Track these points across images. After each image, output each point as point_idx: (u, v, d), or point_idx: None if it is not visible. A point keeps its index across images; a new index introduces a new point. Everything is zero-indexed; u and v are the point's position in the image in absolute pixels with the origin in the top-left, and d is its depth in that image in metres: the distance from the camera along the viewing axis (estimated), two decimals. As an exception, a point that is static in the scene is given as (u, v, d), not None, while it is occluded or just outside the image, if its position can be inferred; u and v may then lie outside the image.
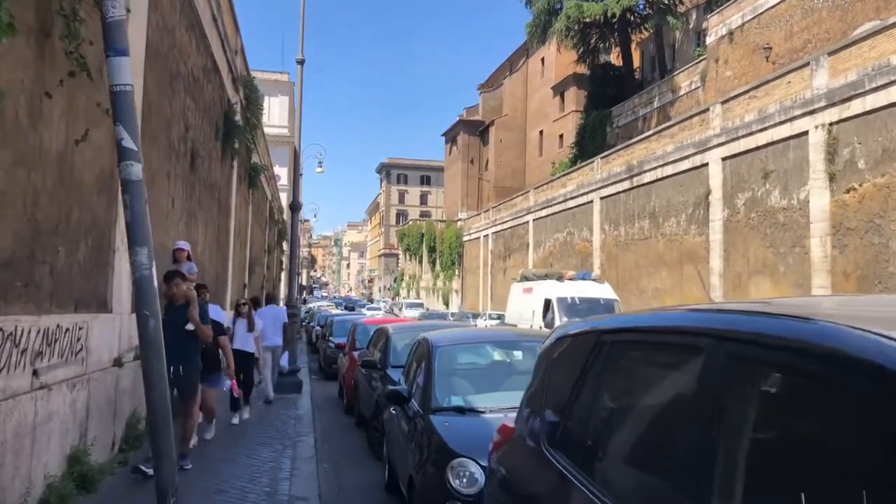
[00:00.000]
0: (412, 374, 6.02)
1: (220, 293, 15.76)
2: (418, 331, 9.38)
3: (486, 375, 5.58)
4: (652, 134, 30.73)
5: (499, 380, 5.53)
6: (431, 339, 5.90)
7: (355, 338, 12.26)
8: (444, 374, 5.36)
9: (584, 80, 57.32)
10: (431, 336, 6.02)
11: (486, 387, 5.37)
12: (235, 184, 17.68)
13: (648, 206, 30.29)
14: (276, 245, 41.32)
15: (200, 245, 12.65)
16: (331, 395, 14.24)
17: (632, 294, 31.45)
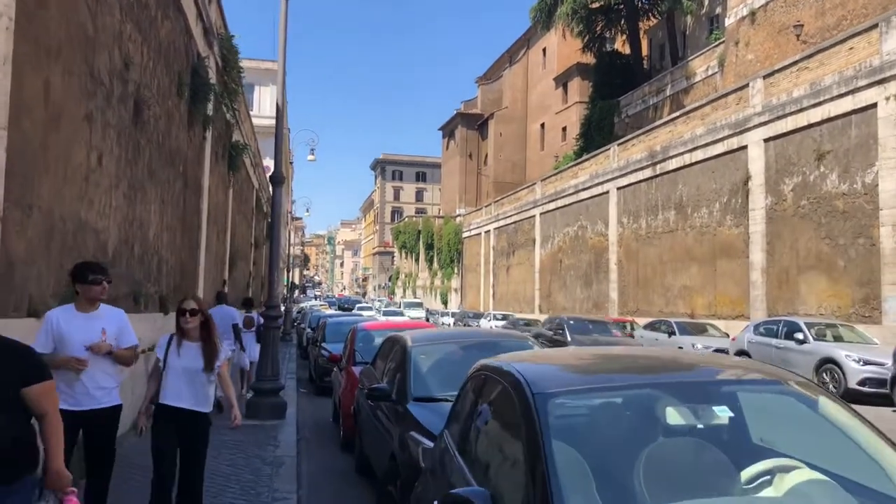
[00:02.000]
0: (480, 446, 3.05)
1: (187, 290, 12.86)
2: (450, 344, 6.55)
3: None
4: (678, 116, 27.94)
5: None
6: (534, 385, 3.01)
7: (354, 348, 9.39)
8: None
9: (589, 70, 54.69)
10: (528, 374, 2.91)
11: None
12: (210, 159, 14.82)
13: (674, 195, 27.50)
14: (265, 240, 38.33)
15: (154, 226, 9.78)
16: (323, 418, 11.34)
17: (655, 293, 28.69)
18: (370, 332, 10.01)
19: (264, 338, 10.20)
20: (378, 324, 10.84)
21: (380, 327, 10.45)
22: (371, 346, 9.60)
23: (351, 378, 8.69)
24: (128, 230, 8.32)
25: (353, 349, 9.31)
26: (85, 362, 4.54)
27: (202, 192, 14.20)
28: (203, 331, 5.31)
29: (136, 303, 8.75)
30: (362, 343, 9.53)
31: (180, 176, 11.75)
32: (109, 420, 4.80)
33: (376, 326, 10.45)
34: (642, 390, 2.86)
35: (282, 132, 10.25)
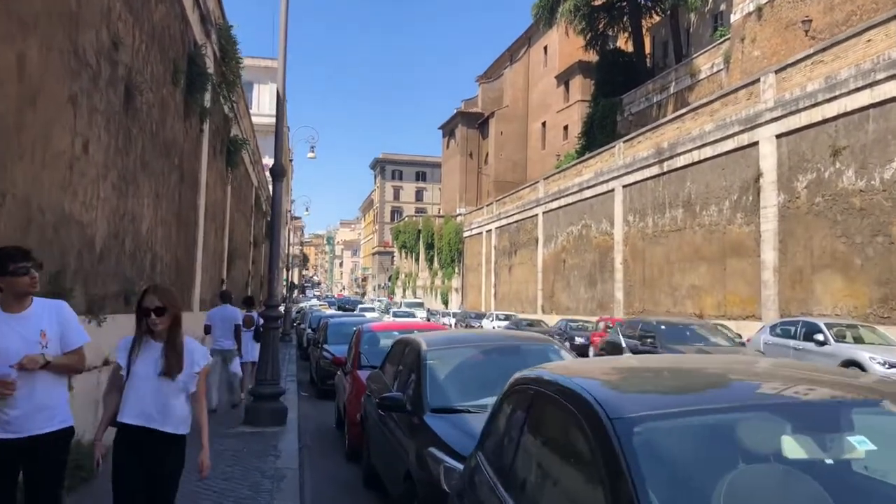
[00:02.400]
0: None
1: (183, 288, 12.30)
2: (468, 347, 5.98)
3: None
4: (687, 112, 27.37)
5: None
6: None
7: (360, 351, 8.79)
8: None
9: (591, 69, 54.24)
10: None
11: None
12: (207, 153, 14.25)
13: (682, 193, 26.94)
14: (264, 239, 37.75)
15: (148, 221, 9.21)
16: (326, 423, 10.77)
17: (662, 292, 28.13)
18: (377, 333, 9.42)
19: (264, 339, 9.62)
20: (385, 325, 10.22)
21: (387, 328, 9.85)
22: (377, 348, 9.03)
23: (357, 383, 8.11)
24: (118, 224, 7.75)
25: (359, 352, 8.73)
26: (12, 384, 3.41)
27: (199, 186, 13.63)
28: (170, 330, 4.12)
29: (127, 303, 8.17)
30: (368, 345, 8.95)
31: (176, 169, 11.17)
32: (56, 448, 3.71)
33: (383, 328, 9.86)
34: (748, 413, 2.24)
35: (283, 122, 9.69)
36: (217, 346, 10.76)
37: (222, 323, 10.75)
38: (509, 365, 5.39)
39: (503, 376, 3.43)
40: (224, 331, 10.69)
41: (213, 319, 11.00)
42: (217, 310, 11.25)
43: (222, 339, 10.72)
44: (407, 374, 5.69)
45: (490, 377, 5.04)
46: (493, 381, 5.06)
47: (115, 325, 7.49)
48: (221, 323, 10.76)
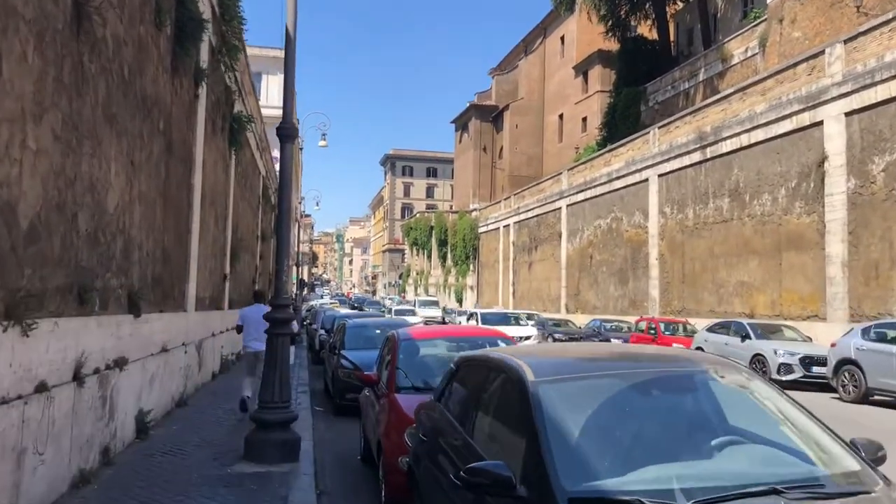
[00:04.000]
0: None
1: (172, 283, 10.09)
2: (608, 378, 3.60)
3: None
4: (733, 92, 24.98)
5: None
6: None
7: (398, 367, 6.46)
8: None
9: (611, 58, 52.09)
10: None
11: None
12: (205, 126, 12.06)
13: (728, 181, 24.58)
14: (272, 233, 35.60)
15: (117, 194, 7.00)
16: (348, 453, 8.54)
17: (705, 290, 25.78)
18: (417, 342, 7.13)
19: (269, 347, 7.40)
20: (427, 331, 7.92)
21: (429, 336, 7.54)
22: (420, 362, 6.79)
23: (397, 413, 5.86)
24: (64, 192, 5.53)
25: (395, 367, 6.47)
26: None
27: (194, 163, 11.41)
28: None
29: (81, 302, 5.97)
30: (407, 358, 6.69)
31: (160, 135, 8.95)
32: None
33: (425, 335, 7.54)
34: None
35: (293, 66, 7.45)
36: (250, 348, 10.19)
37: (256, 323, 9.81)
38: (696, 413, 3.15)
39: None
40: (258, 331, 9.67)
41: (245, 319, 10.41)
42: (250, 309, 10.59)
43: (256, 339, 9.96)
44: (500, 421, 3.46)
45: (672, 434, 2.83)
46: (677, 440, 2.85)
47: (58, 334, 5.28)
48: (255, 323, 9.88)
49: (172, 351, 9.95)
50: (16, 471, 4.62)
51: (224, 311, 16.30)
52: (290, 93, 7.55)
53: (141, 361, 8.13)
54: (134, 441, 7.88)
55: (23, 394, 4.71)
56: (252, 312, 10.50)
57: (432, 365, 6.70)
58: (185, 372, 11.15)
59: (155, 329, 8.88)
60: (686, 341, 21.24)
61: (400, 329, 7.77)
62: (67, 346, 5.62)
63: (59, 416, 5.38)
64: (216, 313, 14.95)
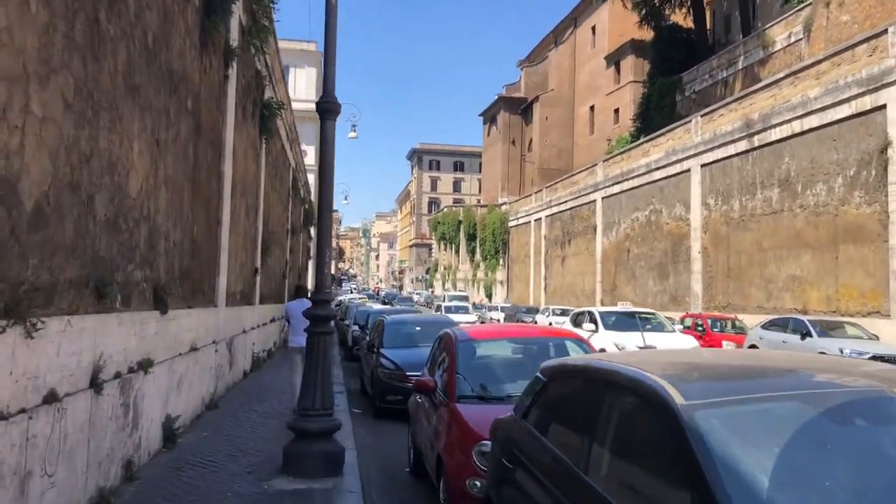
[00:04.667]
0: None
1: (202, 277, 9.37)
2: (788, 400, 2.67)
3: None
4: (784, 77, 23.72)
5: None
6: None
7: (457, 372, 5.61)
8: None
9: (644, 47, 50.91)
10: None
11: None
12: (235, 111, 11.33)
13: (779, 170, 23.37)
14: (301, 228, 35.03)
15: (141, 177, 6.25)
16: (395, 463, 7.74)
17: (752, 285, 24.60)
18: (478, 343, 6.26)
19: (309, 348, 6.61)
20: (488, 330, 7.03)
21: (491, 335, 6.65)
22: (483, 367, 5.93)
23: (462, 428, 5.01)
24: (78, 169, 4.77)
25: (455, 373, 5.62)
26: None
27: (224, 149, 10.67)
28: None
29: (99, 297, 5.22)
30: (468, 361, 5.82)
31: (188, 115, 8.20)
32: None
33: (487, 334, 6.66)
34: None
35: (333, 32, 6.61)
36: (295, 343, 9.90)
37: (300, 318, 9.14)
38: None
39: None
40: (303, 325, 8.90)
41: (291, 313, 10.24)
42: (294, 303, 10.39)
43: (301, 334, 9.28)
44: (636, 460, 2.59)
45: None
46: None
47: (71, 334, 4.53)
48: (300, 317, 9.21)
49: (202, 350, 9.23)
50: (18, 498, 3.87)
51: (255, 306, 15.63)
52: (332, 61, 6.73)
53: (168, 362, 7.39)
54: (160, 451, 7.15)
55: (27, 406, 3.95)
56: (296, 306, 10.22)
57: (498, 370, 5.86)
58: (216, 372, 10.44)
59: (183, 326, 8.15)
60: (737, 339, 20.16)
61: (455, 328, 6.89)
62: (83, 348, 4.86)
63: (72, 430, 4.63)
64: (247, 308, 14.26)
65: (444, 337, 6.70)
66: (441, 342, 6.76)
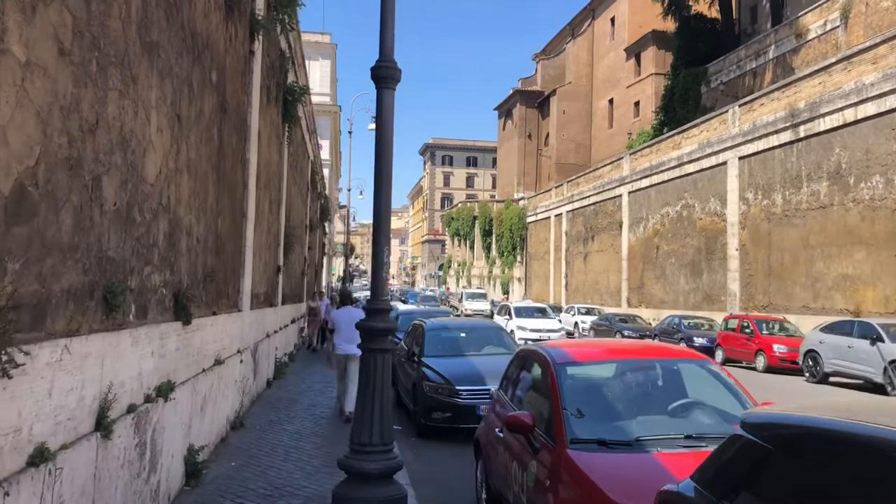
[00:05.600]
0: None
1: (227, 279, 8.16)
2: None
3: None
4: (835, 62, 22.28)
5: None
6: None
7: (565, 407, 4.33)
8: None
9: (666, 38, 49.53)
10: None
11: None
12: (259, 91, 10.13)
13: (828, 162, 21.97)
14: (318, 224, 33.88)
15: (160, 157, 5.04)
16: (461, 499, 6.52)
17: (797, 284, 23.23)
18: (582, 367, 4.86)
19: (364, 370, 5.38)
20: (591, 349, 5.62)
21: (601, 358, 5.13)
22: (601, 401, 4.62)
23: (587, 490, 3.73)
24: (79, 140, 3.54)
25: (562, 408, 4.34)
26: None
27: (248, 132, 9.46)
28: None
29: (108, 309, 4.00)
30: (577, 394, 4.48)
31: (212, 90, 6.98)
32: None
33: (592, 355, 5.26)
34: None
35: None
36: (340, 350, 10.02)
37: (347, 326, 9.66)
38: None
39: None
40: (349, 333, 9.51)
41: (337, 321, 10.40)
42: (340, 311, 10.60)
43: (346, 341, 9.85)
44: None
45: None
46: None
47: (69, 364, 3.31)
48: (346, 326, 9.78)
49: (227, 362, 8.02)
50: None
51: (278, 307, 14.45)
52: (390, 14, 5.47)
53: (191, 382, 6.19)
54: (182, 490, 5.94)
55: (1, 477, 2.73)
56: (343, 315, 10.31)
57: (617, 405, 4.57)
58: (241, 386, 9.24)
59: (207, 337, 6.94)
60: (790, 342, 18.81)
61: (544, 346, 5.56)
62: (86, 380, 3.65)
63: (71, 495, 3.41)
64: (270, 311, 13.07)
65: (529, 357, 5.42)
66: (525, 363, 5.49)
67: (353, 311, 10.32)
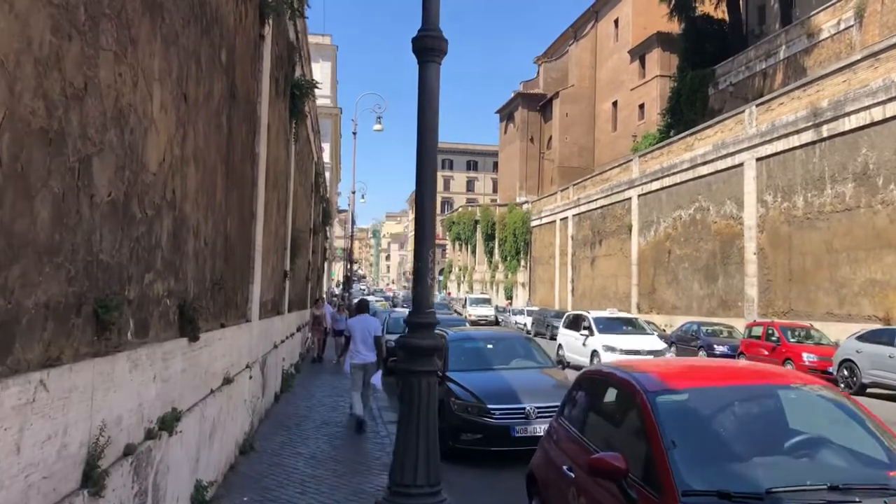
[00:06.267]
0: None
1: (235, 286, 7.29)
2: None
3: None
4: (861, 59, 21.48)
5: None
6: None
7: (667, 448, 3.45)
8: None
9: (671, 40, 49.00)
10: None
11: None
12: (269, 82, 9.28)
13: (854, 162, 21.15)
14: (321, 228, 33.00)
15: (164, 140, 4.19)
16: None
17: (820, 289, 22.38)
18: (683, 396, 3.89)
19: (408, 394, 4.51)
20: (687, 373, 4.52)
21: (701, 382, 3.94)
22: (704, 436, 3.77)
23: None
24: (59, 107, 2.67)
25: (666, 449, 3.46)
26: None
27: (258, 125, 8.60)
28: None
29: (99, 329, 3.13)
30: (677, 427, 3.60)
31: (221, 71, 6.12)
32: None
33: (690, 381, 4.12)
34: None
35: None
36: (358, 360, 10.05)
37: (363, 334, 10.08)
38: None
39: None
40: (365, 343, 10.03)
41: (353, 330, 10.33)
42: (356, 319, 10.57)
43: (362, 351, 10.06)
44: None
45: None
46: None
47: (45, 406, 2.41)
48: (363, 334, 10.08)
49: (236, 379, 7.14)
50: None
51: (284, 315, 13.58)
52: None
53: (199, 407, 5.31)
54: (189, 537, 5.05)
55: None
56: (359, 323, 10.33)
57: (734, 445, 3.69)
58: (251, 404, 8.35)
59: (216, 353, 6.07)
60: (819, 350, 17.95)
61: (628, 371, 4.56)
62: (69, 424, 2.78)
63: None
64: (277, 319, 12.20)
65: (602, 381, 4.54)
66: (596, 388, 4.62)
67: (370, 320, 10.58)
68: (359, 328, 10.17)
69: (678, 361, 7.34)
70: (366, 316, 10.65)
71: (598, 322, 20.56)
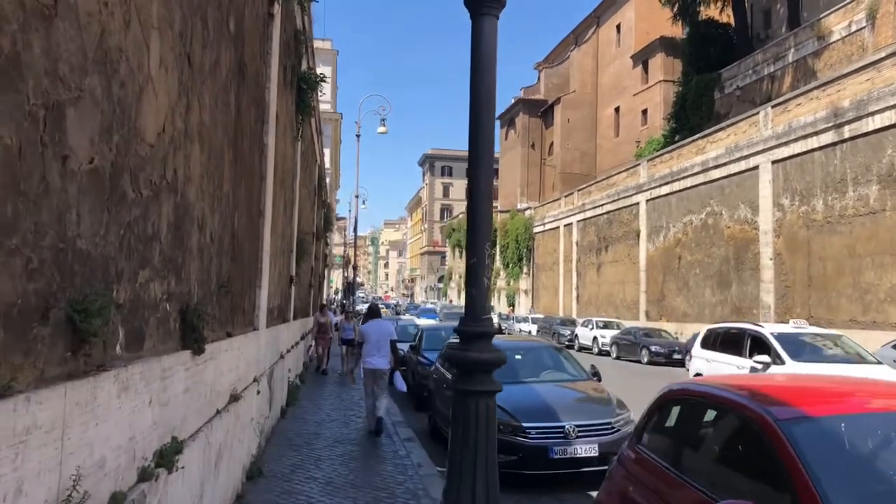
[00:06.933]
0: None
1: (243, 289, 6.46)
2: None
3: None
4: (886, 57, 20.74)
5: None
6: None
7: (815, 486, 2.79)
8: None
9: (675, 45, 48.46)
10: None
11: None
12: (277, 67, 8.48)
13: (878, 164, 20.39)
14: (322, 233, 32.15)
15: (164, 106, 3.40)
16: None
17: (842, 295, 21.57)
18: (826, 424, 3.01)
19: (462, 420, 3.69)
20: (824, 396, 3.73)
21: (844, 408, 3.04)
22: (860, 470, 2.96)
23: None
24: (13, 18, 1.82)
25: (815, 491, 2.66)
26: None
27: (267, 112, 7.77)
28: None
29: (75, 342, 2.27)
30: (827, 463, 2.74)
31: (230, 41, 5.30)
32: None
33: (831, 406, 3.09)
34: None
35: None
36: (369, 364, 9.88)
37: (377, 340, 9.89)
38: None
39: None
40: (378, 348, 9.85)
41: (366, 335, 10.07)
42: (370, 325, 10.24)
43: (375, 356, 9.86)
44: None
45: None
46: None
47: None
48: (376, 340, 9.89)
49: (244, 395, 6.28)
50: None
51: (290, 322, 12.71)
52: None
53: (203, 432, 4.45)
54: (192, 591, 4.19)
55: None
56: (373, 328, 10.09)
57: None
58: (259, 424, 7.49)
59: (222, 367, 5.22)
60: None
61: (745, 392, 3.62)
62: (24, 479, 1.93)
63: None
64: (283, 327, 11.34)
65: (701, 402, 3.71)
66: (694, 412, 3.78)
67: (384, 324, 10.38)
68: (374, 333, 9.97)
69: (791, 377, 6.42)
70: (379, 321, 10.47)
71: (786, 342, 12.29)
